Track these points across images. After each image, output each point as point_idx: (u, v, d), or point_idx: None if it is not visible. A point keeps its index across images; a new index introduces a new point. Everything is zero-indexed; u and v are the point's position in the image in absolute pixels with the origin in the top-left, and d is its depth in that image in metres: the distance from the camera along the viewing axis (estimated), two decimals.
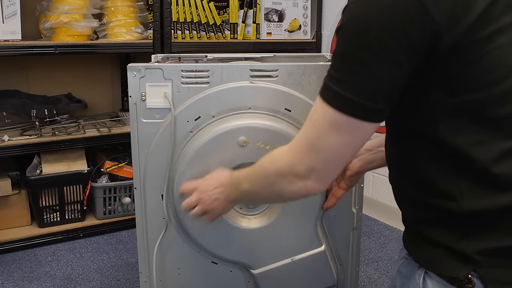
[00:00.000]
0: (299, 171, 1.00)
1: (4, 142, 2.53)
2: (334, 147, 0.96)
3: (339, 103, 0.91)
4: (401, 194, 1.07)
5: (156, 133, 1.53)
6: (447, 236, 0.95)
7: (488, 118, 0.89)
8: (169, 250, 1.62)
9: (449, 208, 0.93)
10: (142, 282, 1.68)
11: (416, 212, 1.02)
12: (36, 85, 3.01)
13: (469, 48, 0.87)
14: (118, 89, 3.27)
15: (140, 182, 1.58)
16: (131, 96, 1.53)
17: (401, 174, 1.05)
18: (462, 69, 0.88)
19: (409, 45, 0.86)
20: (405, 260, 1.07)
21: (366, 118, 0.92)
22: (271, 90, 1.52)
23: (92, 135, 2.74)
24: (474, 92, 0.88)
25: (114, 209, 2.90)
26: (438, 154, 0.94)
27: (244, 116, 1.51)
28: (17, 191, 2.73)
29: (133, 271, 2.44)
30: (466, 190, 0.92)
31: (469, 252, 0.92)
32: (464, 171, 0.92)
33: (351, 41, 0.90)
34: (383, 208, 2.96)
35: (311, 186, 1.01)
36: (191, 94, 1.52)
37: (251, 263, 1.61)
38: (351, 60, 0.90)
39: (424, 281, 0.99)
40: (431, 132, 0.93)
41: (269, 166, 1.09)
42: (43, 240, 2.72)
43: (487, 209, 0.91)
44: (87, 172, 2.78)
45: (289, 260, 1.61)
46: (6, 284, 2.32)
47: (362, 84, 0.89)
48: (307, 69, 1.53)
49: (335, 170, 1.01)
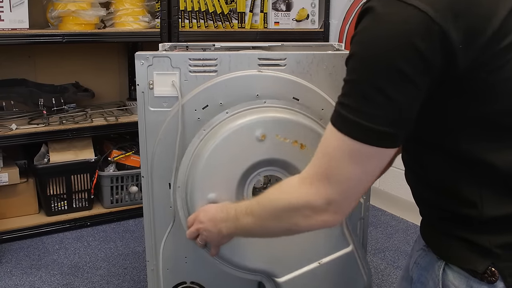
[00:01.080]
0: (316, 205, 0.95)
1: (12, 131, 2.54)
2: (353, 177, 0.91)
3: (356, 132, 0.87)
4: (419, 196, 1.06)
5: (163, 122, 1.53)
6: (466, 231, 0.94)
7: (507, 126, 0.88)
8: (176, 238, 1.62)
9: (469, 214, 0.93)
10: (149, 271, 1.68)
11: (434, 213, 1.02)
12: (43, 73, 3.01)
13: (489, 59, 0.84)
14: (125, 78, 3.27)
15: (147, 171, 1.58)
16: (139, 84, 1.52)
17: (418, 180, 1.03)
18: (482, 80, 0.86)
19: (425, 67, 0.83)
20: (422, 251, 1.06)
21: (386, 145, 0.88)
22: (279, 79, 1.51)
23: (99, 124, 2.75)
24: (493, 101, 0.87)
25: (121, 198, 2.90)
26: (457, 162, 0.92)
27: (258, 110, 1.49)
28: (24, 179, 2.74)
29: (140, 259, 2.45)
30: (486, 197, 0.91)
31: (489, 245, 0.91)
32: (484, 178, 0.90)
33: (364, 68, 0.88)
34: (390, 198, 2.96)
35: (329, 219, 0.96)
36: (198, 82, 1.51)
37: (275, 271, 1.55)
38: (366, 88, 0.87)
39: (444, 273, 0.98)
40: (449, 141, 0.91)
41: (278, 200, 1.03)
42: (50, 228, 2.73)
43: (509, 214, 0.90)
44: (94, 161, 2.78)
45: (316, 264, 1.54)
46: (14, 272, 2.34)
47: (380, 111, 0.86)
48: (316, 58, 1.52)
49: (355, 199, 0.96)
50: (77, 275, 2.31)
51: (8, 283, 2.24)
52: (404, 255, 2.48)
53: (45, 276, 2.30)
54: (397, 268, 2.37)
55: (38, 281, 2.26)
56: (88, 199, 2.85)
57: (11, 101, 2.79)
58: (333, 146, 0.91)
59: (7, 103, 2.80)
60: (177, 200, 1.56)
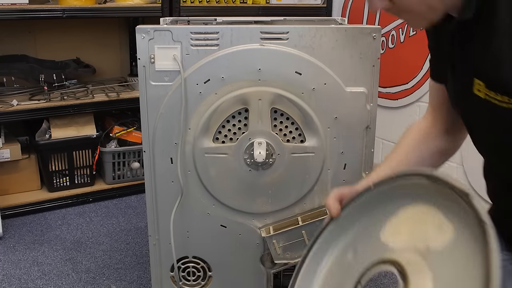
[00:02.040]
0: None
1: (13, 107, 2.53)
2: None
3: None
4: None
5: (165, 96, 1.52)
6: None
7: None
8: (178, 213, 1.63)
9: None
10: (151, 245, 1.69)
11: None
12: (44, 49, 2.99)
13: None
14: (126, 54, 3.25)
15: (149, 146, 1.58)
16: (140, 58, 1.51)
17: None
18: None
19: None
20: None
21: None
22: (282, 52, 1.50)
23: (100, 100, 2.73)
24: None
25: (123, 174, 2.91)
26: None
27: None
28: (26, 155, 2.74)
29: (142, 235, 2.46)
30: None
31: None
32: None
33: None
34: None
35: None
36: (200, 56, 1.50)
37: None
38: None
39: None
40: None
41: None
42: (53, 204, 2.74)
43: None
44: (96, 137, 2.78)
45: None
46: (18, 247, 2.35)
47: None
48: (318, 32, 1.50)
49: None
50: (80, 250, 2.32)
51: (12, 258, 2.25)
52: None
53: (48, 251, 2.31)
54: None
55: (41, 256, 2.27)
56: (90, 175, 2.85)
57: (12, 77, 2.78)
58: None
59: (7, 79, 2.79)
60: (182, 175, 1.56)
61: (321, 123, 1.55)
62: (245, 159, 1.57)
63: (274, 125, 1.56)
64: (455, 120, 1.17)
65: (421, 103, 2.76)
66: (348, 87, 1.54)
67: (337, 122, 1.55)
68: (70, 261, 2.23)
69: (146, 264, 2.18)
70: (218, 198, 1.61)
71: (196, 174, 1.59)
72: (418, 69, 2.74)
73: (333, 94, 1.53)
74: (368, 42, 1.52)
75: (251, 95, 1.51)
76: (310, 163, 1.58)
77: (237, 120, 1.55)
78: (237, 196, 1.61)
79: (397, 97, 2.89)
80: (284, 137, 1.57)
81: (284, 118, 1.55)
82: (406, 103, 2.85)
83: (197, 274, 1.73)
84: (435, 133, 1.24)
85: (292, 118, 1.55)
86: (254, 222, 1.65)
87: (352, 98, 1.54)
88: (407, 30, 2.77)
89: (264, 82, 1.51)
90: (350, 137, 1.58)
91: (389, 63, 2.89)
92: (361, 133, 1.58)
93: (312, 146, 1.57)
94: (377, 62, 1.53)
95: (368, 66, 1.53)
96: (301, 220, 1.62)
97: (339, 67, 1.52)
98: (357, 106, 1.55)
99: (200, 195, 1.61)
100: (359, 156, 1.60)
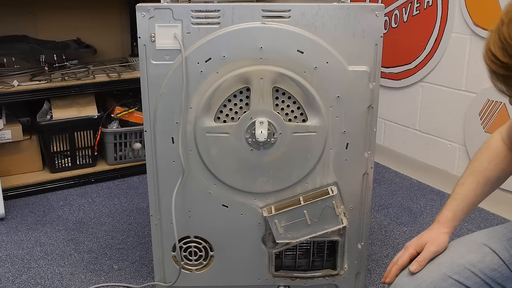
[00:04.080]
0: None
1: (13, 88, 2.52)
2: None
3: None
4: None
5: (166, 75, 1.51)
6: None
7: None
8: (179, 193, 1.63)
9: None
10: (153, 225, 1.69)
11: None
12: (44, 30, 2.97)
13: None
14: (127, 34, 3.23)
15: (150, 125, 1.57)
16: (140, 37, 1.50)
17: None
18: None
19: None
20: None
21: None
22: (283, 31, 1.49)
23: (102, 80, 2.72)
24: None
25: (125, 154, 2.90)
26: None
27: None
28: (28, 136, 2.73)
29: (144, 215, 2.46)
30: None
31: None
32: None
33: None
34: (394, 155, 2.95)
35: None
36: (201, 35, 1.49)
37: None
38: None
39: None
40: None
41: None
42: (55, 185, 2.74)
43: None
44: (97, 118, 2.77)
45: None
46: (20, 227, 2.35)
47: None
48: (321, 10, 1.48)
49: None
50: (82, 231, 2.33)
51: (14, 238, 2.26)
52: (407, 212, 2.49)
53: (50, 232, 2.32)
54: (400, 224, 2.37)
55: (44, 237, 2.27)
56: (92, 156, 2.85)
57: (12, 58, 2.76)
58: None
59: (8, 60, 2.77)
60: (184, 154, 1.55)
61: (323, 102, 1.54)
62: (246, 138, 1.56)
63: (276, 104, 1.55)
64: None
65: (424, 83, 2.74)
66: (351, 66, 1.52)
67: (340, 101, 1.54)
68: (73, 242, 2.23)
69: (148, 244, 2.19)
70: (219, 177, 1.61)
71: (197, 154, 1.58)
72: (421, 49, 2.71)
73: (335, 73, 1.52)
74: (371, 20, 1.50)
75: (253, 74, 1.50)
76: (312, 143, 1.58)
77: (239, 99, 1.54)
78: (239, 175, 1.61)
79: (400, 77, 2.87)
80: (286, 116, 1.56)
81: (286, 97, 1.54)
82: (409, 83, 2.83)
83: (198, 254, 1.73)
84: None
85: (294, 97, 1.54)
86: (256, 202, 1.65)
87: (354, 77, 1.53)
88: (411, 9, 2.75)
89: (266, 60, 1.49)
90: (352, 116, 1.57)
91: (392, 43, 2.87)
92: (364, 113, 1.57)
93: (314, 125, 1.56)
94: (380, 40, 1.52)
95: (371, 45, 1.52)
96: (303, 200, 1.61)
97: (342, 46, 1.51)
98: (359, 85, 1.54)
99: (202, 175, 1.61)
100: (361, 136, 1.59)
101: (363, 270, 1.78)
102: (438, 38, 2.61)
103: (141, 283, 1.92)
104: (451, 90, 2.60)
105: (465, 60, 2.50)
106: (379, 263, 2.07)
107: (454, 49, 2.55)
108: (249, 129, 1.55)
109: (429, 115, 2.74)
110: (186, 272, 1.74)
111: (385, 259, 2.09)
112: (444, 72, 2.62)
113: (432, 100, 2.71)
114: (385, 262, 2.08)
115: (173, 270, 1.73)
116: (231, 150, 1.57)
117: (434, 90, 2.69)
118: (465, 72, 2.51)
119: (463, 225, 2.35)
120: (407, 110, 2.85)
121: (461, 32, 2.50)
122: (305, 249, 1.75)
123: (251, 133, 1.55)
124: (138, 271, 2.01)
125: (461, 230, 2.30)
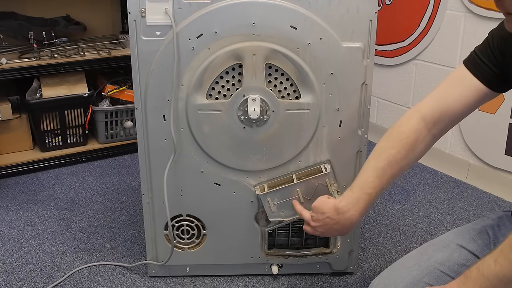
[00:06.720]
0: None
1: (2, 65, 2.48)
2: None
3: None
4: None
5: (157, 51, 1.49)
6: None
7: None
8: (171, 171, 1.61)
9: None
10: (145, 204, 1.68)
11: None
12: (33, 6, 2.91)
13: None
14: (117, 10, 3.17)
15: (141, 102, 1.55)
16: (130, 12, 1.47)
17: None
18: None
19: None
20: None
21: None
22: (277, 6, 1.46)
23: (92, 58, 2.68)
24: None
25: (116, 133, 2.88)
26: None
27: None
28: (17, 115, 2.70)
29: (136, 194, 2.45)
30: None
31: None
32: None
33: None
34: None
35: None
36: (192, 10, 1.46)
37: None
38: None
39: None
40: None
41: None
42: (45, 164, 2.71)
43: None
44: (88, 96, 2.74)
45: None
46: (11, 207, 2.33)
47: None
48: None
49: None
50: (74, 210, 2.31)
51: (5, 218, 2.24)
52: (400, 190, 2.49)
53: (42, 211, 2.30)
54: (393, 202, 2.37)
55: (35, 216, 2.26)
56: (83, 135, 2.82)
57: (0, 35, 2.72)
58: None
59: None
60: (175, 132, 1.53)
61: (316, 79, 1.52)
62: (239, 115, 1.54)
63: (269, 81, 1.53)
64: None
65: (418, 61, 2.72)
66: (345, 42, 1.50)
67: (333, 78, 1.52)
68: (64, 221, 2.22)
69: (140, 223, 2.18)
70: (211, 155, 1.59)
71: (189, 131, 1.56)
72: (415, 26, 2.69)
73: (329, 49, 1.50)
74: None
75: (245, 50, 1.48)
76: (305, 120, 1.56)
77: (231, 76, 1.52)
78: (231, 153, 1.59)
79: (393, 55, 2.85)
80: (279, 93, 1.54)
81: (279, 74, 1.52)
82: (402, 61, 2.81)
83: (191, 232, 1.72)
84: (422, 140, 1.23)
85: (287, 74, 1.52)
86: (249, 180, 1.63)
87: (348, 53, 1.51)
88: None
89: (259, 36, 1.47)
90: (346, 94, 1.55)
91: (386, 20, 2.84)
92: (357, 90, 1.55)
93: (307, 102, 1.54)
94: (374, 16, 1.49)
95: (365, 21, 1.49)
96: (295, 178, 1.60)
97: (335, 22, 1.48)
98: (353, 62, 1.52)
99: (194, 153, 1.59)
100: (355, 113, 1.58)
101: (356, 248, 1.78)
102: (432, 15, 2.59)
103: (133, 262, 1.91)
104: (445, 68, 2.58)
105: (459, 38, 2.48)
106: (372, 241, 2.07)
107: (448, 26, 2.53)
108: (241, 106, 1.53)
109: (423, 93, 2.73)
110: (178, 251, 1.74)
111: (377, 237, 2.09)
112: (438, 49, 2.60)
113: (426, 78, 2.70)
114: (378, 240, 2.08)
115: (165, 248, 1.72)
116: (223, 127, 1.56)
117: (428, 68, 2.67)
118: (459, 50, 2.49)
119: (456, 204, 2.35)
120: (401, 88, 2.84)
121: (456, 9, 2.47)
122: (298, 227, 1.74)
123: (243, 110, 1.53)
124: (130, 250, 2.01)
125: (453, 208, 2.31)
